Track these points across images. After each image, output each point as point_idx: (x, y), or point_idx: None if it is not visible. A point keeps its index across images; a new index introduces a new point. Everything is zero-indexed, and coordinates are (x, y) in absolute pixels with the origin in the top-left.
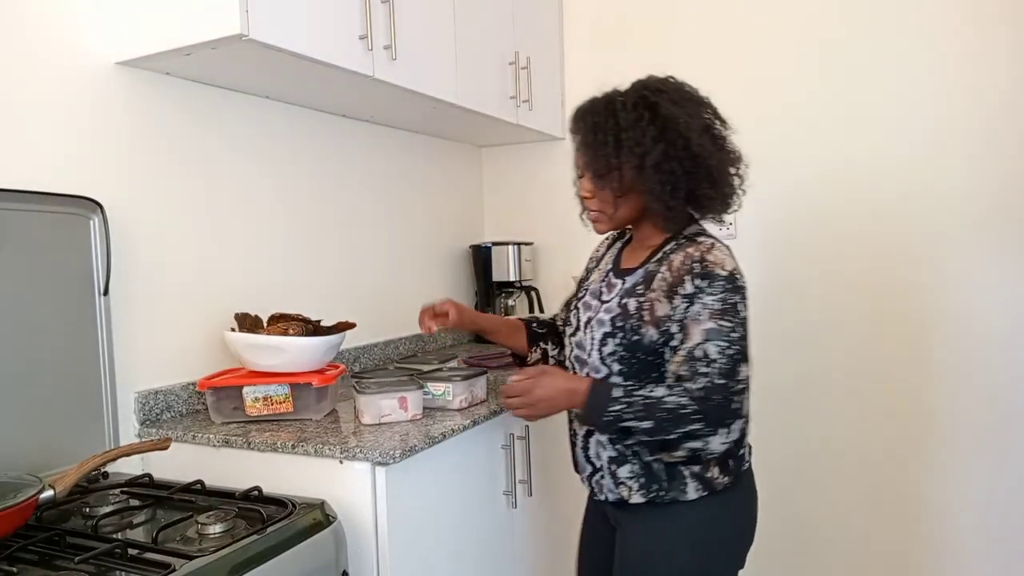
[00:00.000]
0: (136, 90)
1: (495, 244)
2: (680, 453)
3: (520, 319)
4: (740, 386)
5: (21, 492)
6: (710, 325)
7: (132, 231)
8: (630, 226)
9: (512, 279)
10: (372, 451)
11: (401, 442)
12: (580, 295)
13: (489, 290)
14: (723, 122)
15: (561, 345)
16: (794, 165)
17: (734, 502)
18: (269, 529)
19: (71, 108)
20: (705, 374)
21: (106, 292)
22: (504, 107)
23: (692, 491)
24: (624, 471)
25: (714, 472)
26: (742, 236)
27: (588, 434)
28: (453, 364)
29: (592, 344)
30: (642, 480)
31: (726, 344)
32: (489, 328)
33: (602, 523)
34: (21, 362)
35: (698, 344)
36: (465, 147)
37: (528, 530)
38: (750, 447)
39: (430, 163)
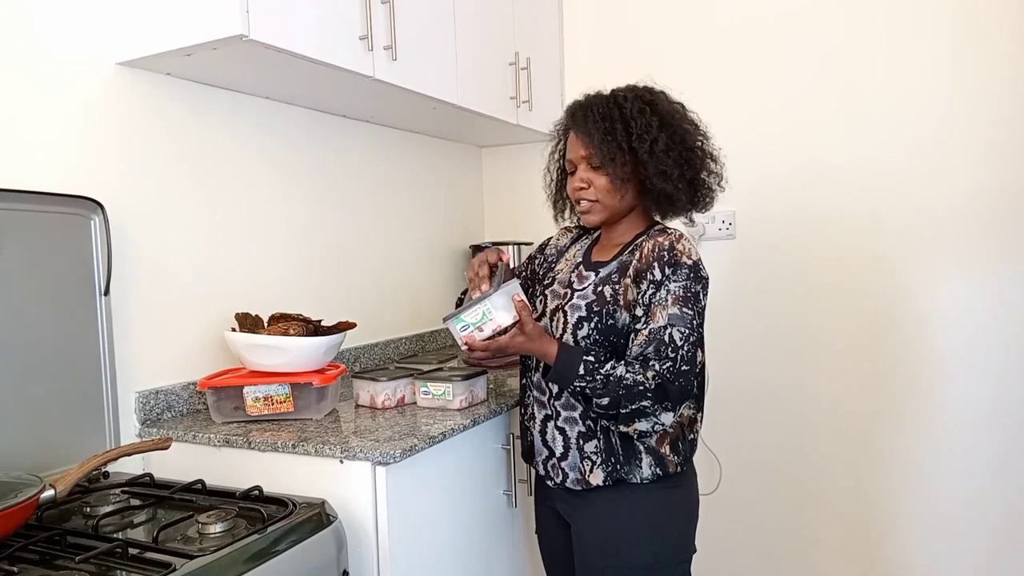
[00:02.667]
0: (137, 90)
1: (495, 244)
2: (630, 429)
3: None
4: (697, 370)
5: (22, 492)
6: (674, 311)
7: (133, 231)
8: (606, 225)
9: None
10: (372, 451)
11: (401, 442)
12: (547, 283)
13: None
14: (702, 127)
15: None
16: (794, 165)
17: (686, 485)
18: (269, 529)
19: (72, 108)
20: (671, 359)
21: (107, 292)
22: (504, 107)
23: (646, 467)
24: (590, 446)
25: (665, 450)
26: (741, 237)
27: (546, 419)
28: (453, 364)
29: (564, 328)
30: (603, 455)
31: (688, 331)
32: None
33: (555, 522)
34: (22, 362)
35: (662, 327)
36: (465, 147)
37: (528, 530)
38: (695, 440)
39: (430, 163)
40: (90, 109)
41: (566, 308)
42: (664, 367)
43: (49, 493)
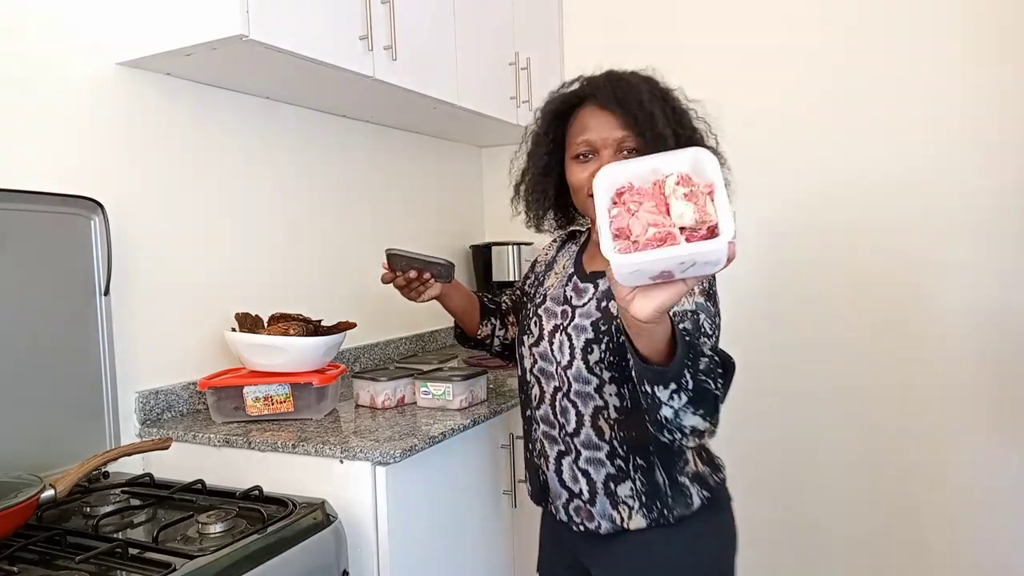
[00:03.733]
0: (137, 90)
1: (495, 244)
2: (695, 438)
3: (475, 293)
4: None
5: (22, 492)
6: (700, 300)
7: (133, 231)
8: (579, 227)
9: (512, 279)
10: (372, 451)
11: (401, 442)
12: (538, 301)
13: (489, 290)
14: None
15: (505, 327)
16: (791, 166)
17: (725, 499)
18: (269, 529)
19: (72, 108)
20: (706, 343)
21: (107, 292)
22: (504, 107)
23: (696, 497)
24: (624, 489)
25: (698, 465)
26: (740, 236)
27: (561, 455)
28: (453, 364)
29: (571, 353)
30: (643, 498)
31: (712, 326)
32: (449, 293)
33: (568, 564)
34: (22, 362)
35: (689, 311)
36: (465, 147)
37: (528, 530)
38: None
39: (430, 163)
40: (90, 109)
41: (569, 331)
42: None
43: (49, 493)
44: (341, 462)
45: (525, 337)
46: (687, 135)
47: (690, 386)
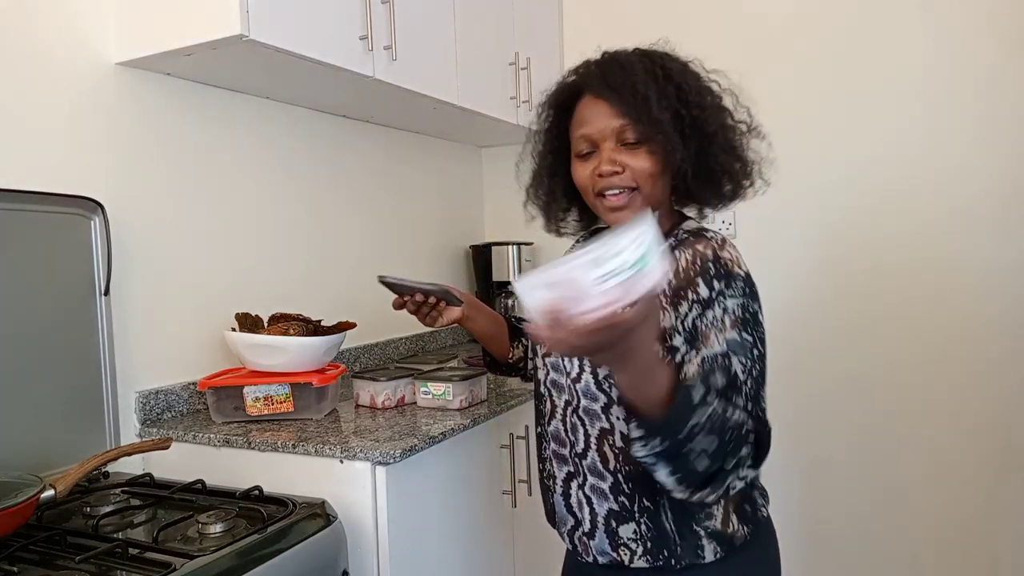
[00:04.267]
0: (137, 90)
1: (495, 244)
2: (720, 491)
3: (502, 315)
4: (763, 413)
5: (22, 492)
6: (733, 336)
7: (132, 231)
8: (605, 224)
9: (512, 279)
10: (372, 451)
11: (401, 442)
12: None
13: (489, 290)
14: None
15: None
16: (795, 163)
17: (757, 561)
18: (269, 529)
19: (72, 109)
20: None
21: (107, 292)
22: (504, 107)
23: (709, 553)
24: (627, 530)
25: (732, 523)
26: (742, 236)
27: (569, 478)
28: (453, 364)
29: (580, 364)
30: (648, 544)
31: (751, 363)
32: (472, 316)
33: None
34: (22, 362)
35: (719, 355)
36: (465, 147)
37: (528, 530)
38: (764, 491)
39: (430, 163)
40: (90, 109)
41: None
42: None
43: (49, 493)
44: (341, 462)
45: (539, 347)
46: (692, 115)
47: (670, 451)
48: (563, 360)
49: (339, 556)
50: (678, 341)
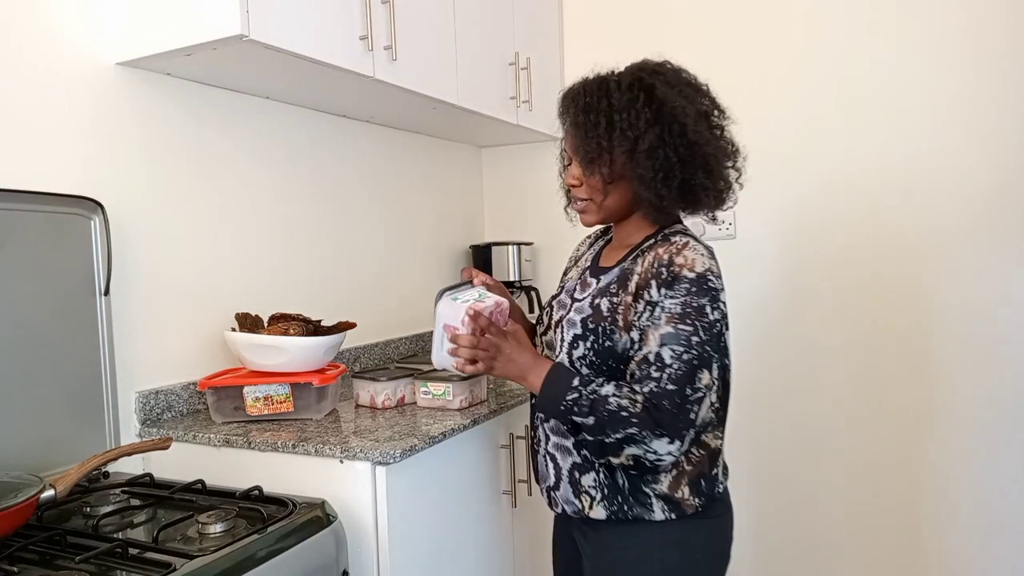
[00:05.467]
0: (137, 90)
1: (495, 244)
2: (621, 459)
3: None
4: (698, 394)
5: (22, 492)
6: (667, 330)
7: (133, 231)
8: (613, 223)
9: (512, 279)
10: (372, 451)
11: (401, 442)
12: (556, 293)
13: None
14: (721, 111)
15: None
16: (794, 164)
17: (709, 528)
18: (269, 529)
19: (72, 108)
20: (656, 379)
21: (107, 292)
22: (504, 107)
23: (658, 512)
24: (588, 479)
25: (684, 493)
26: (741, 236)
27: (547, 439)
28: None
29: (562, 345)
30: (605, 491)
31: (683, 349)
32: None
33: (570, 543)
34: (22, 362)
35: (651, 350)
36: (465, 147)
37: (528, 530)
38: (726, 467)
39: (430, 163)
40: (90, 109)
41: (564, 323)
42: (646, 389)
43: (49, 493)
44: (341, 462)
45: (538, 326)
46: (626, 148)
47: (584, 418)
48: (556, 339)
49: (339, 556)
50: (635, 334)
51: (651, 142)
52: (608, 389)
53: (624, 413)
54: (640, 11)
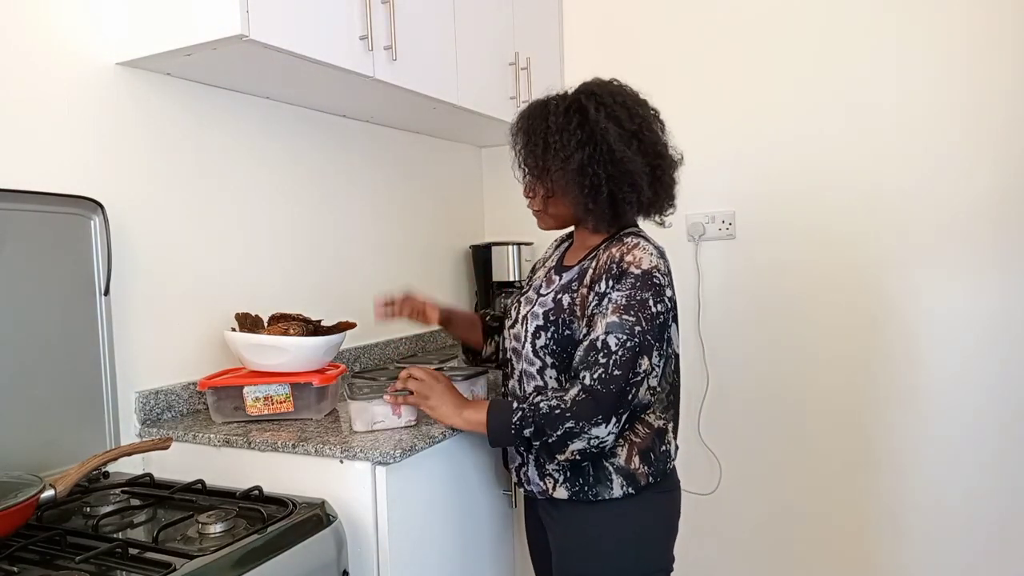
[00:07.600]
0: (137, 90)
1: (495, 244)
2: (567, 455)
3: (476, 313)
4: (637, 379)
5: (22, 492)
6: (612, 319)
7: (132, 231)
8: (574, 227)
9: (512, 279)
10: (372, 451)
11: (401, 442)
12: (524, 290)
13: (489, 290)
14: (653, 130)
15: None
16: (794, 165)
17: (660, 503)
18: (269, 529)
19: (72, 108)
20: (603, 364)
21: (107, 292)
22: (504, 107)
23: (617, 487)
24: (552, 464)
25: (636, 463)
26: (741, 237)
27: None
28: (453, 364)
29: (527, 335)
30: (567, 474)
31: (626, 337)
32: (446, 319)
33: (537, 524)
34: (22, 362)
35: (599, 336)
36: (465, 147)
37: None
38: (677, 447)
39: (430, 163)
40: (90, 109)
41: (528, 316)
42: (595, 374)
43: (49, 493)
44: (341, 462)
45: (506, 320)
46: (557, 167)
47: (526, 428)
48: (521, 332)
49: (339, 556)
50: (586, 322)
51: (580, 161)
52: (538, 398)
53: (557, 411)
54: (640, 11)
